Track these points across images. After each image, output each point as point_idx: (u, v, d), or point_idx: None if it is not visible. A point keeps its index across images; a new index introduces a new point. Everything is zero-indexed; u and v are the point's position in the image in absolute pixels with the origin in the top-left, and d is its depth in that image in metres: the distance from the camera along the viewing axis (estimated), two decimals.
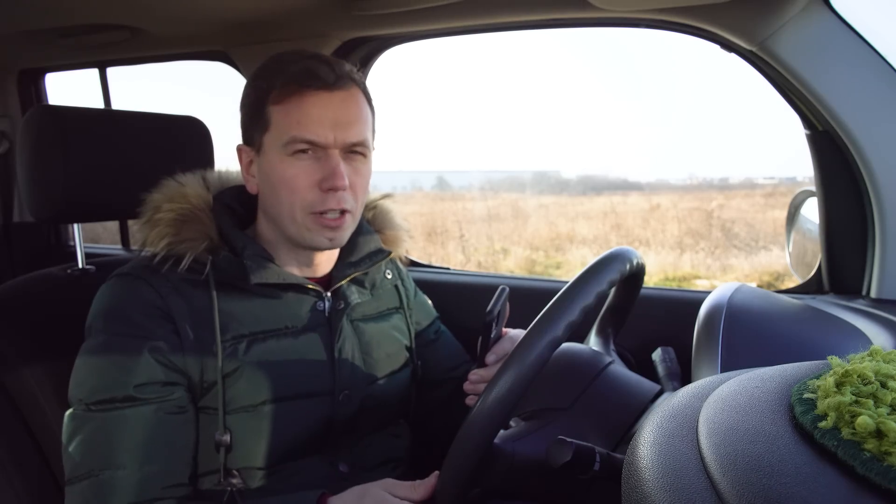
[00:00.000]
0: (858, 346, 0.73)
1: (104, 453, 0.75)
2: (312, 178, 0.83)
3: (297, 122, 0.82)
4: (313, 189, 0.83)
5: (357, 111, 0.85)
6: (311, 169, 0.83)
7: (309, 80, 0.82)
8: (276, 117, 0.83)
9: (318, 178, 0.83)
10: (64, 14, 1.29)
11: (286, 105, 0.82)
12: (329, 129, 0.82)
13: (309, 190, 0.83)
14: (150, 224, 0.86)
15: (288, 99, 0.82)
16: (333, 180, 0.82)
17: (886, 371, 0.40)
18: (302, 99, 0.82)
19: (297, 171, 0.83)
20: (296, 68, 0.83)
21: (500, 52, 56.23)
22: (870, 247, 1.03)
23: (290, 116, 0.82)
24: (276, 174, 0.84)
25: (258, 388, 0.82)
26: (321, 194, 0.83)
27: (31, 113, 1.02)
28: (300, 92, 0.82)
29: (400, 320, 1.03)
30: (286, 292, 0.88)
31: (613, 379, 0.79)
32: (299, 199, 0.83)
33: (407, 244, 1.08)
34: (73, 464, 0.76)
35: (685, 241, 8.84)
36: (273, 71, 0.85)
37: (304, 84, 0.82)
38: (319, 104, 0.82)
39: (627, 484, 0.42)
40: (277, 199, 0.85)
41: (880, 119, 0.96)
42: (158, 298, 0.81)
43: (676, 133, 32.74)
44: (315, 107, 0.82)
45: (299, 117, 0.82)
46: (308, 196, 0.83)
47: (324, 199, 0.83)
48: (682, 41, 4.53)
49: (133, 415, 0.77)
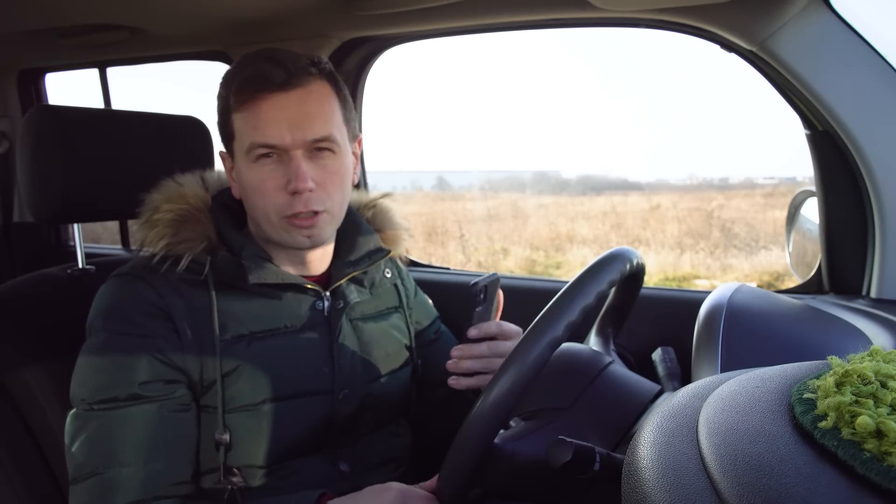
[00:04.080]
0: (858, 346, 0.73)
1: (108, 451, 0.75)
2: (278, 182, 0.82)
3: (254, 127, 0.81)
4: (280, 192, 0.83)
5: (318, 106, 0.83)
6: (276, 173, 0.82)
7: (258, 83, 0.81)
8: (238, 125, 0.83)
9: (284, 182, 0.82)
10: (64, 14, 1.29)
11: (244, 112, 0.82)
12: (286, 129, 0.81)
13: (276, 193, 0.83)
14: (149, 224, 0.86)
15: (244, 106, 0.82)
16: (297, 183, 0.81)
17: (886, 371, 0.40)
18: (255, 104, 0.81)
19: (263, 175, 0.83)
20: (247, 73, 0.82)
21: (500, 52, 56.21)
22: (870, 247, 1.03)
23: (248, 123, 0.82)
24: (246, 181, 0.84)
25: (258, 387, 0.83)
26: (288, 197, 0.82)
27: (31, 113, 1.02)
28: (252, 98, 0.81)
29: (399, 319, 1.03)
30: (285, 292, 0.88)
31: (613, 379, 0.79)
32: (270, 203, 0.83)
33: (407, 243, 1.07)
34: (77, 463, 0.76)
35: (685, 242, 8.84)
36: (230, 78, 0.84)
37: (255, 88, 0.81)
38: (274, 106, 0.81)
39: (627, 484, 0.42)
40: (252, 204, 0.85)
41: (880, 119, 0.96)
42: (158, 298, 0.81)
43: (676, 133, 32.75)
44: (269, 110, 0.81)
45: (255, 122, 0.81)
46: (277, 200, 0.83)
47: (291, 203, 0.83)
48: (682, 41, 4.52)
49: (136, 413, 0.77)
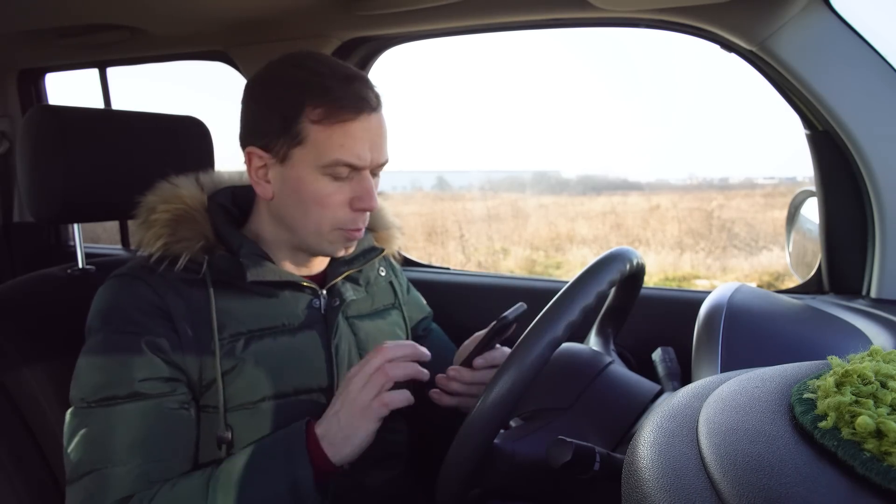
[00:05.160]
0: (858, 346, 0.73)
1: (106, 448, 0.75)
2: (345, 197, 0.84)
3: (341, 145, 0.81)
4: (344, 207, 0.84)
5: (386, 131, 0.86)
6: (346, 188, 0.84)
7: (358, 105, 0.81)
8: (316, 136, 0.81)
9: (351, 198, 0.84)
10: (64, 14, 1.29)
11: (330, 127, 0.80)
12: (368, 151, 0.83)
13: (340, 208, 0.84)
14: (146, 225, 0.86)
15: (333, 122, 0.80)
16: (368, 202, 0.84)
17: (886, 371, 0.40)
18: (349, 123, 0.81)
19: (332, 190, 0.83)
20: (344, 92, 0.80)
21: (500, 52, 56.21)
22: (870, 247, 1.03)
23: (334, 139, 0.80)
24: (309, 190, 0.83)
25: (257, 385, 0.83)
26: (352, 213, 0.85)
27: (31, 113, 1.02)
28: (348, 118, 0.80)
29: (397, 316, 1.04)
30: (282, 290, 0.88)
31: (613, 379, 0.79)
32: (329, 215, 0.84)
33: (400, 241, 1.08)
34: (76, 459, 0.76)
35: (685, 242, 8.85)
36: (310, 84, 0.81)
37: (355, 109, 0.81)
38: (364, 128, 0.82)
39: (627, 484, 0.42)
40: (304, 212, 0.85)
41: (880, 119, 0.96)
42: (156, 297, 0.81)
43: (676, 133, 32.76)
44: (360, 131, 0.81)
45: (343, 141, 0.81)
46: (339, 214, 0.84)
47: (354, 218, 0.85)
48: (682, 41, 4.53)
49: (135, 409, 0.77)
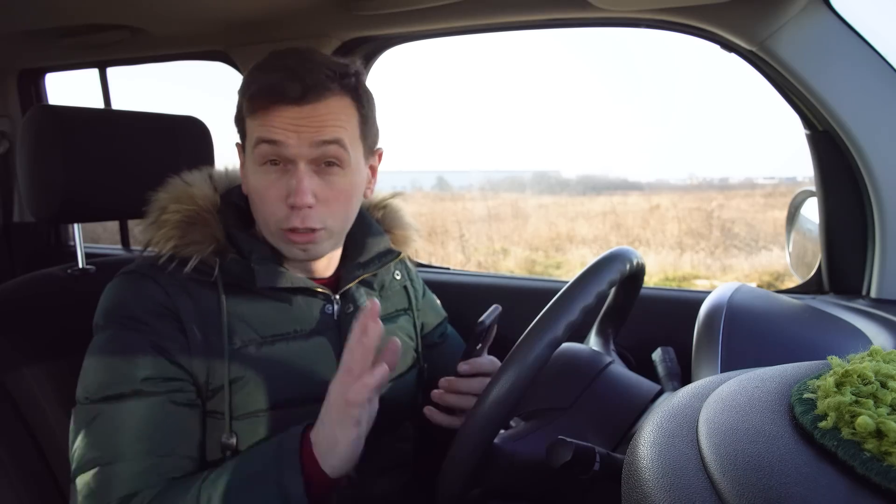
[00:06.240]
0: (858, 346, 0.73)
1: (111, 444, 0.74)
2: (280, 192, 0.81)
3: (261, 124, 0.80)
4: (280, 203, 0.81)
5: (333, 120, 0.80)
6: (279, 183, 0.81)
7: (272, 95, 0.79)
8: (250, 126, 0.82)
9: (285, 193, 0.80)
10: (64, 14, 1.29)
11: (254, 114, 0.80)
12: (294, 138, 0.79)
13: (277, 204, 0.81)
14: (157, 225, 0.84)
15: (256, 112, 0.80)
16: (295, 197, 0.79)
17: (886, 371, 0.40)
18: (268, 112, 0.79)
19: (267, 182, 0.81)
20: (264, 81, 0.80)
21: (501, 52, 56.19)
22: (870, 247, 1.03)
23: (256, 121, 0.80)
24: (251, 183, 0.83)
25: (266, 393, 0.81)
26: (287, 210, 0.81)
27: (30, 113, 1.02)
28: (266, 107, 0.79)
29: (407, 321, 1.02)
30: (295, 295, 0.87)
31: (613, 379, 0.79)
32: (270, 211, 0.82)
33: (417, 243, 1.06)
34: (80, 456, 0.75)
35: (685, 241, 8.84)
36: (249, 80, 0.83)
37: (268, 100, 0.79)
38: (287, 117, 0.79)
39: (627, 484, 0.42)
40: (255, 209, 0.85)
41: (880, 119, 0.96)
42: (165, 297, 0.80)
43: (676, 133, 32.75)
44: (280, 118, 0.79)
45: (264, 121, 0.80)
46: (276, 210, 0.81)
47: (289, 216, 0.81)
48: (682, 41, 4.53)
49: (140, 406, 0.76)
